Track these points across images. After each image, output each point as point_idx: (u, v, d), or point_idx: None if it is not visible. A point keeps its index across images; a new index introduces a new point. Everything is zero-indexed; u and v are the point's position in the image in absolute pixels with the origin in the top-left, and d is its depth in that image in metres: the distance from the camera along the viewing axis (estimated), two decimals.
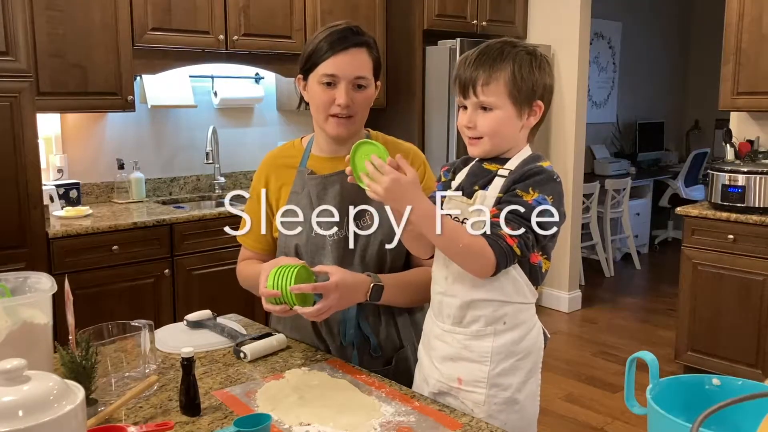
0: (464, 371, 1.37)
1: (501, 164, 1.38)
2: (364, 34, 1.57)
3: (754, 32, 3.51)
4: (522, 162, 1.37)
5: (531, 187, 1.30)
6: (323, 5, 3.87)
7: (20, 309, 1.29)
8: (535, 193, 1.30)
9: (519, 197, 1.30)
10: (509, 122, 1.35)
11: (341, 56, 1.53)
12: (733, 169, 3.46)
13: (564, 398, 3.48)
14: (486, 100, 1.33)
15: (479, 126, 1.34)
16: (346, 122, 1.57)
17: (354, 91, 1.55)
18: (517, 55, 1.34)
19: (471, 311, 1.35)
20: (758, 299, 3.36)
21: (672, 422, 0.93)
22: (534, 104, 1.36)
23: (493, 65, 1.32)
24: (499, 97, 1.33)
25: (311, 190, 1.62)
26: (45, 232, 2.88)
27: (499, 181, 1.35)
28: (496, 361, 1.36)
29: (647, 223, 6.57)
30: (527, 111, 1.36)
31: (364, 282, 1.51)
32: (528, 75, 1.33)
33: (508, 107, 1.34)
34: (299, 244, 1.61)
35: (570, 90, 4.64)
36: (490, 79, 1.32)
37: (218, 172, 3.96)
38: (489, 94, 1.33)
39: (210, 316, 1.78)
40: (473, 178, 1.40)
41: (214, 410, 1.30)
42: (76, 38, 3.12)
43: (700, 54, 7.36)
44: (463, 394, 1.38)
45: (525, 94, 1.34)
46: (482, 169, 1.40)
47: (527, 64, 1.34)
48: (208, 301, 2.88)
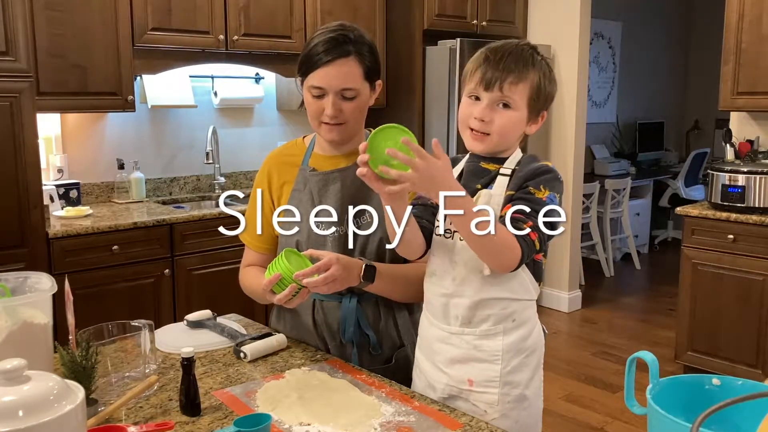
0: (475, 372, 1.37)
1: (498, 164, 1.38)
2: (352, 41, 1.55)
3: (754, 32, 3.51)
4: (522, 162, 1.37)
5: (542, 184, 1.32)
6: (323, 5, 3.87)
7: (20, 309, 1.29)
8: (547, 191, 1.31)
9: (533, 194, 1.31)
10: (519, 125, 1.37)
11: (327, 68, 1.53)
12: (733, 169, 3.46)
13: (564, 398, 3.48)
14: (511, 97, 1.33)
15: (495, 122, 1.34)
16: (338, 128, 1.58)
17: (342, 101, 1.56)
18: (543, 63, 1.37)
19: (480, 311, 1.35)
20: (758, 299, 3.36)
21: (672, 422, 0.93)
22: (541, 114, 1.38)
23: (525, 67, 1.34)
24: (522, 98, 1.34)
25: (312, 187, 1.63)
26: (45, 232, 2.88)
27: (503, 180, 1.35)
28: (507, 359, 1.36)
29: (647, 223, 6.57)
30: (534, 118, 1.38)
31: (357, 262, 1.51)
32: (548, 85, 1.37)
33: (524, 110, 1.35)
34: (300, 241, 1.62)
35: (570, 90, 4.64)
36: (520, 80, 1.33)
37: (218, 172, 3.96)
38: (515, 93, 1.33)
39: (210, 316, 1.78)
40: (473, 177, 1.40)
41: (214, 410, 1.30)
42: (76, 38, 3.12)
43: (700, 54, 7.36)
44: (474, 395, 1.38)
45: (541, 103, 1.37)
46: (481, 168, 1.40)
47: (549, 75, 1.38)
48: (208, 301, 2.88)
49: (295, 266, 1.44)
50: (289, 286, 1.43)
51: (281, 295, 1.45)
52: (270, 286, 1.45)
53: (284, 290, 1.44)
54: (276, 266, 1.44)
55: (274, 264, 1.45)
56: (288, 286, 1.43)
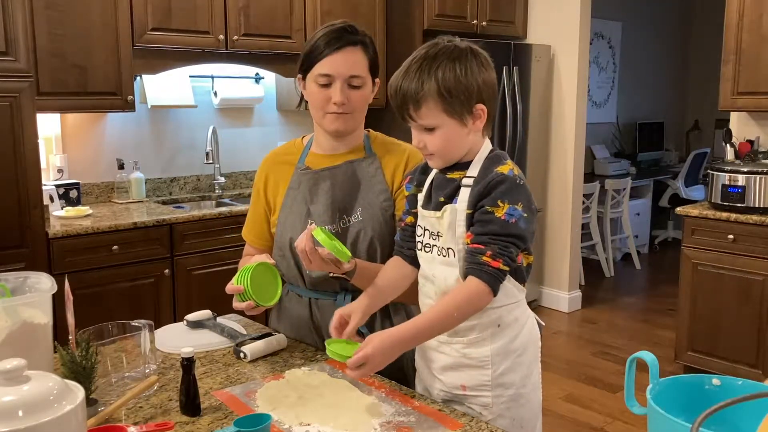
0: (467, 378, 1.38)
1: (462, 170, 1.37)
2: (359, 33, 1.59)
3: (754, 32, 3.51)
4: (483, 166, 1.35)
5: (499, 199, 1.28)
6: (323, 5, 3.87)
7: (20, 309, 1.29)
8: (505, 205, 1.28)
9: (490, 214, 1.28)
10: (455, 135, 1.32)
11: (336, 56, 1.54)
12: (733, 169, 3.46)
13: (564, 398, 3.48)
14: (424, 122, 1.31)
15: (428, 146, 1.34)
16: (343, 118, 1.59)
17: (349, 89, 1.57)
18: (439, 67, 1.28)
19: (465, 322, 1.34)
20: (758, 299, 3.36)
21: (672, 422, 0.93)
22: (475, 109, 1.32)
23: (418, 88, 1.28)
24: (435, 116, 1.30)
25: (304, 186, 1.64)
26: (45, 232, 2.88)
27: (465, 192, 1.34)
28: (497, 363, 1.36)
29: (647, 223, 6.57)
30: (469, 117, 1.32)
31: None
32: (456, 84, 1.28)
33: (447, 122, 1.31)
34: (294, 238, 1.62)
35: (570, 90, 4.64)
36: (419, 103, 1.29)
37: (218, 172, 3.96)
38: (424, 117, 1.31)
39: (210, 316, 1.78)
40: (438, 190, 1.40)
41: (214, 410, 1.30)
42: (76, 38, 3.12)
43: (700, 54, 7.36)
44: (469, 399, 1.39)
45: (460, 103, 1.30)
46: (445, 179, 1.39)
47: (451, 73, 1.28)
48: (208, 301, 2.87)
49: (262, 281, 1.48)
50: (246, 302, 1.47)
51: (237, 305, 1.49)
52: (232, 292, 1.49)
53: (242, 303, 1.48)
54: (242, 278, 1.47)
55: (242, 274, 1.47)
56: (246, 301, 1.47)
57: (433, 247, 1.38)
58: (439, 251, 1.37)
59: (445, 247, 1.35)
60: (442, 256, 1.36)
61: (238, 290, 1.46)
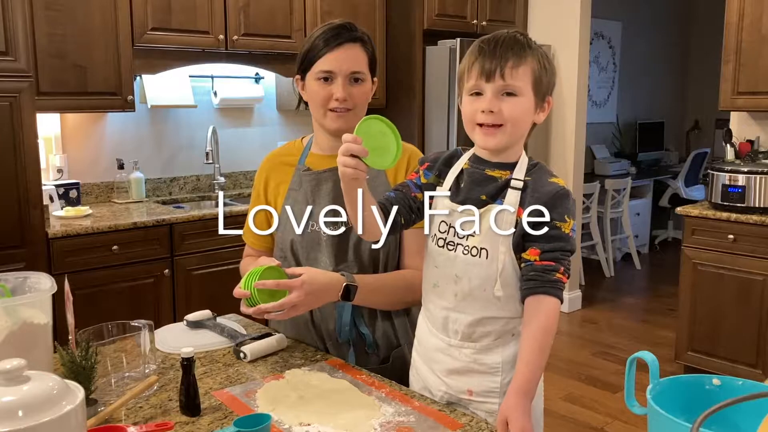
0: (475, 383, 1.37)
1: (504, 170, 1.33)
2: (357, 30, 1.59)
3: (754, 32, 3.51)
4: (532, 172, 1.32)
5: (566, 215, 1.28)
6: (323, 5, 3.87)
7: (20, 309, 1.29)
8: (571, 221, 1.29)
9: (559, 229, 1.27)
10: (528, 112, 1.31)
11: (336, 52, 1.55)
12: (733, 169, 3.46)
13: (564, 398, 3.48)
14: (514, 83, 1.27)
15: (504, 111, 1.28)
16: (345, 115, 1.58)
17: (350, 85, 1.57)
18: (538, 48, 1.32)
19: (481, 327, 1.33)
20: (758, 299, 3.36)
21: (672, 422, 0.93)
22: (546, 99, 1.33)
23: (521, 51, 1.28)
24: (525, 83, 1.29)
25: (306, 187, 1.63)
26: (45, 232, 2.88)
27: (513, 195, 1.30)
28: (506, 371, 1.35)
29: (647, 223, 6.57)
30: (540, 105, 1.32)
31: (337, 281, 1.50)
32: (548, 70, 1.32)
33: (530, 96, 1.30)
34: (295, 240, 1.62)
35: (570, 90, 4.64)
36: (520, 63, 1.27)
37: (218, 172, 3.96)
38: (517, 78, 1.27)
39: (210, 316, 1.78)
40: (476, 186, 1.34)
41: (214, 410, 1.30)
42: (76, 38, 3.12)
43: (700, 54, 7.36)
44: (474, 404, 1.38)
45: (545, 87, 1.32)
46: (484, 176, 1.34)
47: (547, 60, 1.32)
48: (208, 301, 2.87)
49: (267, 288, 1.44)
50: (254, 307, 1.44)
51: (245, 310, 1.47)
52: (239, 296, 1.46)
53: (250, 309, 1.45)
54: (248, 284, 1.44)
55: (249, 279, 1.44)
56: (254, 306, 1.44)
57: (458, 245, 1.33)
58: (467, 250, 1.31)
59: (479, 246, 1.30)
60: (471, 255, 1.31)
61: (244, 295, 1.44)
